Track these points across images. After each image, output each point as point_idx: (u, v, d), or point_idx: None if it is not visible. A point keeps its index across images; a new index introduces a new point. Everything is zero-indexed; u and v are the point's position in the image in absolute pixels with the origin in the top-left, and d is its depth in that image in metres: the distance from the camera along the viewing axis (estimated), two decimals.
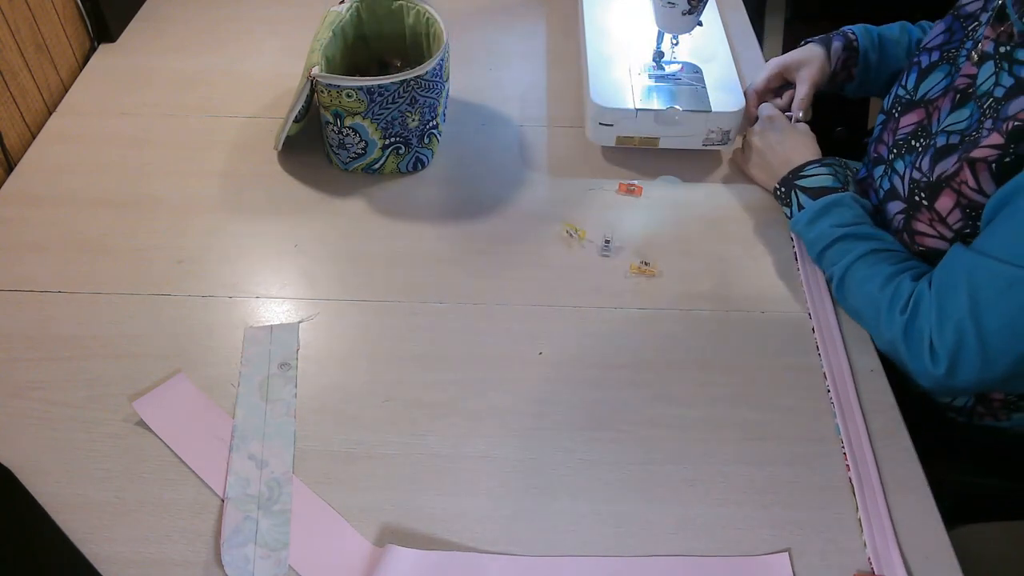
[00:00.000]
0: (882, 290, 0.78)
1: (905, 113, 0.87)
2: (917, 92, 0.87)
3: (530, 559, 0.66)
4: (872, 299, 0.78)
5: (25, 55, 1.03)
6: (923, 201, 0.79)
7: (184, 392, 0.76)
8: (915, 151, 0.83)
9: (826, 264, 0.84)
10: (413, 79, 0.90)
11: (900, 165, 0.85)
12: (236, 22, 1.24)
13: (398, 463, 0.72)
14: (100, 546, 0.66)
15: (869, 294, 0.79)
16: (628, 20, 1.10)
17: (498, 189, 0.98)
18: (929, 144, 0.81)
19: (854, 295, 0.81)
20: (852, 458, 0.72)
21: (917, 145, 0.83)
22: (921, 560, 0.66)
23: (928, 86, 0.86)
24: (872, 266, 0.80)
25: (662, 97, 0.98)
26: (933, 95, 0.85)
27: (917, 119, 0.85)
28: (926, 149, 0.81)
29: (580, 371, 0.79)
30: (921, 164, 0.80)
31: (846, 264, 0.81)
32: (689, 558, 0.67)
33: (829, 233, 0.83)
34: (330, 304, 0.85)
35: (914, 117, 0.86)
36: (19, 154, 1.01)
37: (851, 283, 0.81)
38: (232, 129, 1.05)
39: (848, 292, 0.82)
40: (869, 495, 0.69)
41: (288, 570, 0.65)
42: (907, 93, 0.88)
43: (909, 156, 0.84)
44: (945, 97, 0.82)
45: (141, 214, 0.93)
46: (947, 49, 0.85)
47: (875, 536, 0.67)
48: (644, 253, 0.90)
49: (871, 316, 0.79)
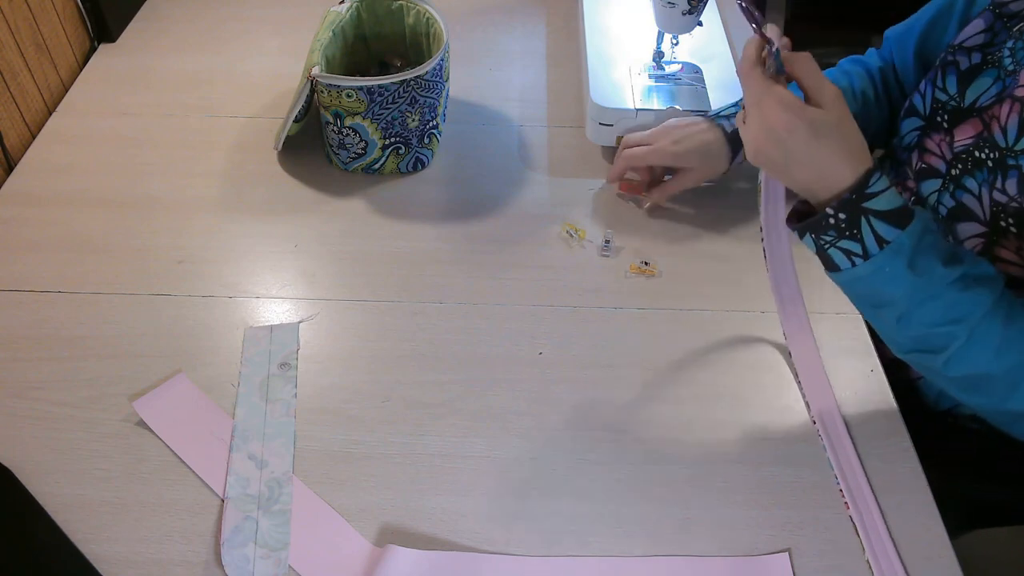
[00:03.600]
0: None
1: (958, 123, 0.77)
2: (964, 98, 0.77)
3: (530, 559, 0.66)
4: (1019, 366, 0.62)
5: (25, 55, 1.03)
6: (1011, 227, 0.69)
7: (184, 392, 0.76)
8: (984, 165, 0.73)
9: (926, 322, 0.62)
10: (413, 79, 0.90)
11: (971, 183, 0.74)
12: (236, 22, 1.24)
13: (398, 463, 0.72)
14: (100, 546, 0.66)
15: (1016, 362, 0.62)
16: (628, 20, 1.10)
17: (498, 189, 0.98)
18: (1007, 163, 0.71)
19: (988, 361, 0.62)
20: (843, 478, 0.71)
21: (985, 158, 0.73)
22: (921, 561, 0.66)
23: (976, 92, 0.76)
24: (1008, 323, 0.62)
25: (662, 97, 0.98)
26: (985, 102, 0.75)
27: (975, 131, 0.75)
28: (1005, 169, 0.71)
29: (580, 371, 0.79)
30: (1006, 187, 0.70)
31: (974, 323, 0.61)
32: (689, 558, 0.66)
33: (941, 276, 0.61)
34: (330, 304, 0.85)
35: (970, 129, 0.76)
36: (19, 154, 1.01)
37: (983, 348, 0.62)
38: (232, 129, 1.05)
39: (975, 358, 0.62)
40: (862, 504, 0.69)
41: (288, 570, 0.65)
42: (950, 99, 0.78)
43: (980, 173, 0.73)
44: (1001, 106, 0.73)
45: (141, 214, 0.93)
46: (990, 51, 0.77)
47: (872, 542, 0.67)
48: (644, 253, 0.90)
49: (1010, 386, 0.63)
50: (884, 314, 0.65)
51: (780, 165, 0.63)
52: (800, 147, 0.61)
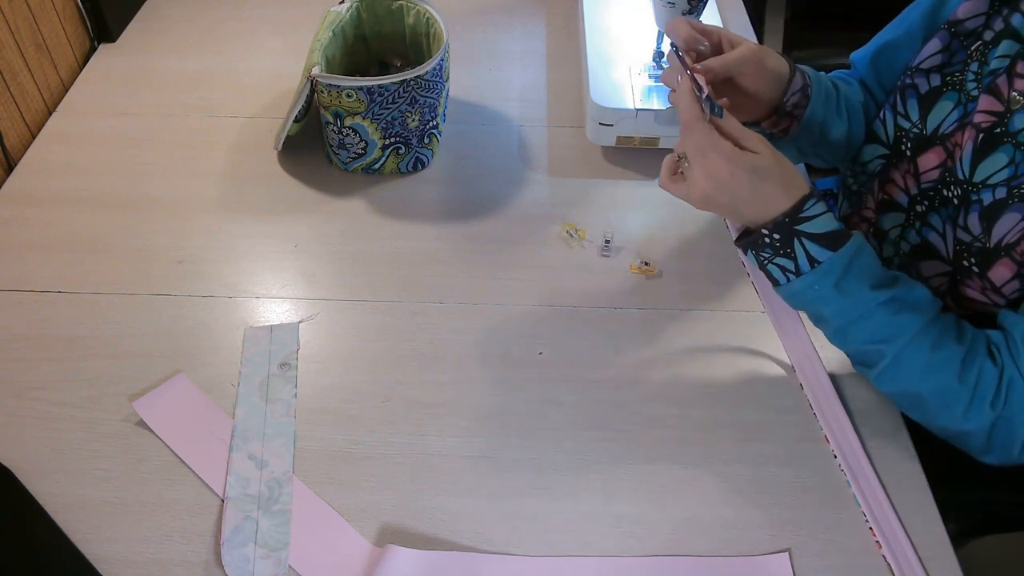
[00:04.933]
0: (961, 380, 0.64)
1: (921, 152, 0.76)
2: (927, 125, 0.76)
3: (530, 559, 0.66)
4: (946, 389, 0.65)
5: (25, 55, 1.03)
6: (973, 267, 0.70)
7: (184, 392, 0.76)
8: (950, 203, 0.72)
9: (859, 339, 0.67)
10: (413, 79, 0.90)
11: (936, 220, 0.74)
12: (236, 22, 1.24)
13: (398, 463, 0.72)
14: (100, 546, 0.66)
15: (942, 385, 0.65)
16: (628, 20, 1.10)
17: (498, 189, 0.98)
18: (969, 197, 0.70)
19: (914, 381, 0.66)
20: (845, 459, 0.72)
21: (951, 196, 0.72)
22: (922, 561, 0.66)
23: (938, 118, 0.75)
24: (937, 347, 0.65)
25: (662, 97, 0.98)
26: (947, 129, 0.74)
27: (938, 160, 0.75)
28: (967, 204, 0.70)
29: (580, 371, 0.79)
30: (968, 223, 0.70)
31: (901, 345, 0.65)
32: (689, 558, 0.66)
33: (868, 298, 0.65)
34: (330, 304, 0.85)
35: (934, 159, 0.75)
36: (19, 154, 1.01)
37: (909, 368, 0.66)
38: (232, 129, 1.05)
39: (902, 377, 0.67)
40: (871, 496, 0.69)
41: (288, 570, 0.65)
42: (913, 125, 0.77)
43: (945, 210, 0.73)
44: (963, 133, 0.72)
45: (141, 214, 0.93)
46: (949, 72, 0.76)
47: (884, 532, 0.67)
48: (644, 253, 0.90)
49: (939, 406, 0.66)
50: (824, 328, 0.70)
51: (727, 207, 0.68)
52: (744, 191, 0.66)
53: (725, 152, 0.66)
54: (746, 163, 0.66)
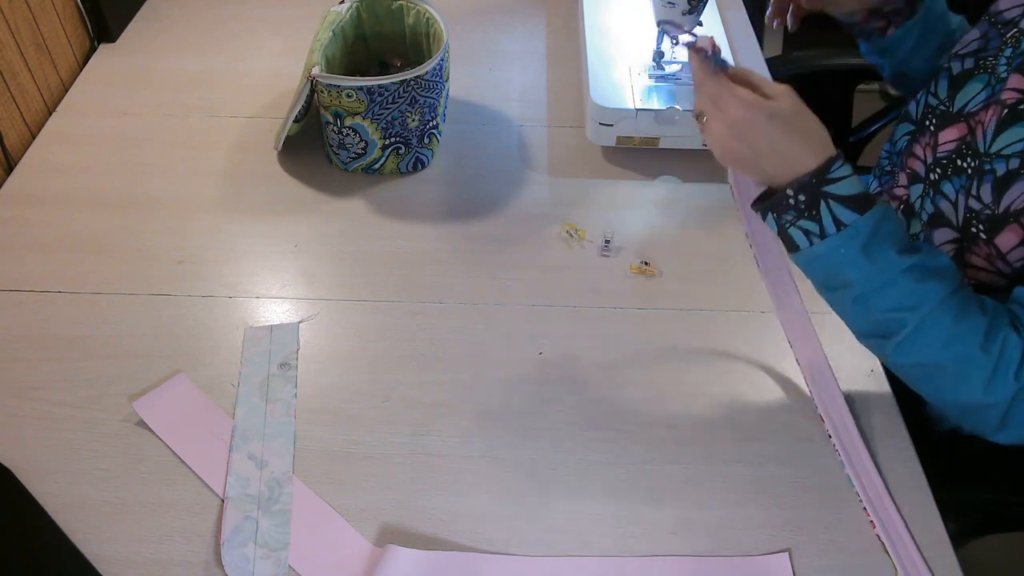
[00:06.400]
0: (985, 350, 0.62)
1: (944, 127, 0.78)
2: (953, 104, 0.78)
3: (530, 559, 0.66)
4: (969, 359, 0.63)
5: (25, 55, 1.03)
6: (981, 234, 0.70)
7: (184, 392, 0.76)
8: (964, 172, 0.73)
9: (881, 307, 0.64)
10: (413, 79, 0.90)
11: (948, 188, 0.75)
12: (236, 22, 1.24)
13: (398, 463, 0.72)
14: (100, 546, 0.66)
15: (965, 355, 0.63)
16: (628, 20, 1.10)
17: (498, 189, 0.98)
18: (983, 168, 0.71)
19: (936, 352, 0.63)
20: (848, 459, 0.72)
21: (965, 166, 0.73)
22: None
23: (965, 98, 0.77)
24: (960, 317, 0.62)
25: (662, 97, 0.98)
26: (973, 108, 0.76)
27: (958, 135, 0.76)
28: (981, 174, 0.71)
29: (580, 371, 0.79)
30: (980, 193, 0.71)
31: (924, 313, 0.62)
32: (689, 558, 0.66)
33: (894, 264, 0.62)
34: (330, 304, 0.85)
35: (954, 133, 0.76)
36: (19, 154, 1.01)
37: (932, 338, 0.63)
38: (232, 129, 1.05)
39: (923, 347, 0.64)
40: (876, 499, 0.69)
41: (288, 570, 0.65)
42: (940, 103, 0.79)
43: (958, 179, 0.74)
44: (987, 111, 0.73)
45: (141, 214, 0.93)
46: (983, 57, 0.77)
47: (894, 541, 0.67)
48: (644, 253, 0.90)
49: (960, 377, 0.64)
50: (842, 296, 0.66)
51: (748, 159, 0.65)
52: (763, 138, 0.63)
53: (741, 96, 0.64)
54: (763, 108, 0.63)
